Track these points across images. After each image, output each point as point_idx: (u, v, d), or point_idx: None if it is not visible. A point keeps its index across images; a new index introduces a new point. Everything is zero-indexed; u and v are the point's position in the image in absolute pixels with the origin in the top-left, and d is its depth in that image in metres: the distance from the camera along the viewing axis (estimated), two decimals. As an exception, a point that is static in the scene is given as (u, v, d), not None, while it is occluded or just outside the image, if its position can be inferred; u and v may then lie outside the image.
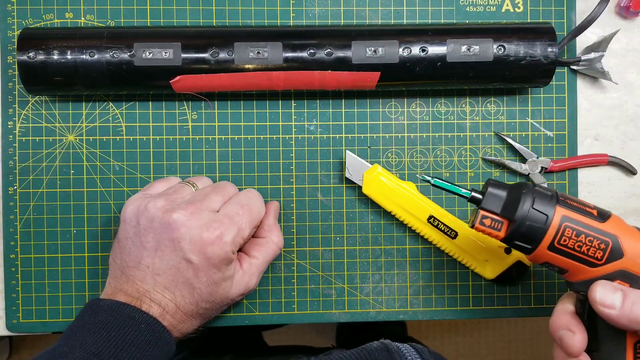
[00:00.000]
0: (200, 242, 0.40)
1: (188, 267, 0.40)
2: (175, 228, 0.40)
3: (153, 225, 0.40)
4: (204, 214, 0.41)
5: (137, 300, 0.40)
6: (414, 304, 0.51)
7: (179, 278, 0.40)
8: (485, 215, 0.38)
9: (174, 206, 0.41)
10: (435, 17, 0.51)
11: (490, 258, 0.49)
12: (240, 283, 0.43)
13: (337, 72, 0.45)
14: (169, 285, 0.40)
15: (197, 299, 0.41)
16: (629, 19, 0.51)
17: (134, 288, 0.40)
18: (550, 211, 0.36)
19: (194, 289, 0.41)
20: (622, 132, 0.52)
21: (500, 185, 0.38)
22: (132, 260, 0.41)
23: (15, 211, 0.49)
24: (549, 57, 0.45)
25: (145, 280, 0.40)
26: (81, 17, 0.49)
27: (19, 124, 0.49)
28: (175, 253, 0.40)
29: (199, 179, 0.46)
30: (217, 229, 0.40)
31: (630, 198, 0.52)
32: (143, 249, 0.41)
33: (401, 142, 0.51)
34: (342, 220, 0.51)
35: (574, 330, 0.36)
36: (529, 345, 1.33)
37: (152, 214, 0.41)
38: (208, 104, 0.50)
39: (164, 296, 0.40)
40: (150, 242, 0.40)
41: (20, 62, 0.44)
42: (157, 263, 0.40)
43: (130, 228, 0.42)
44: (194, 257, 0.40)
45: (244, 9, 0.50)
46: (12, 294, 0.49)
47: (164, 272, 0.40)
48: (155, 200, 0.41)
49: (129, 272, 0.41)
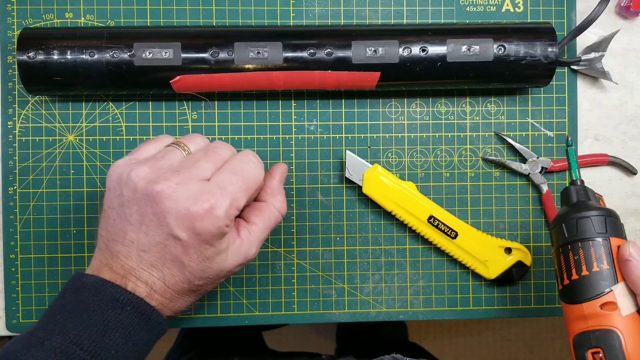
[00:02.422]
0: (188, 217, 0.35)
1: (176, 244, 0.36)
2: (159, 201, 0.35)
3: (136, 196, 0.36)
4: (192, 184, 0.36)
5: (122, 278, 0.37)
6: (414, 304, 0.51)
7: (166, 255, 0.37)
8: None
9: (158, 175, 0.36)
10: (435, 17, 0.51)
11: (490, 258, 0.49)
12: (237, 253, 0.39)
13: (337, 72, 0.45)
14: (155, 262, 0.37)
15: (189, 277, 0.37)
16: (629, 19, 0.51)
17: (119, 264, 0.37)
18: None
19: (185, 266, 0.37)
20: (622, 132, 0.52)
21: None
22: (116, 233, 0.37)
23: (15, 211, 0.49)
24: (549, 57, 0.45)
25: (130, 256, 0.37)
26: (81, 17, 0.49)
27: (19, 124, 0.49)
28: (161, 229, 0.36)
29: (191, 139, 0.41)
30: (206, 201, 0.36)
31: (630, 198, 0.52)
32: (127, 223, 0.37)
33: (401, 142, 0.51)
34: (342, 220, 0.51)
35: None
36: (529, 345, 1.33)
37: (134, 183, 0.36)
38: (208, 104, 0.50)
39: (150, 274, 0.37)
40: (134, 215, 0.36)
41: (20, 62, 0.44)
42: (142, 238, 0.36)
43: (115, 198, 0.37)
44: (182, 234, 0.36)
45: (244, 9, 0.50)
46: (12, 294, 0.49)
47: (150, 248, 0.36)
48: (139, 168, 0.37)
49: (113, 246, 0.37)
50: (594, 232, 0.37)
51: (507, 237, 0.51)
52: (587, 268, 0.36)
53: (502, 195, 0.51)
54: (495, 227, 0.51)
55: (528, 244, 0.51)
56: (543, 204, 0.51)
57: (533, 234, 0.51)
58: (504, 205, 0.51)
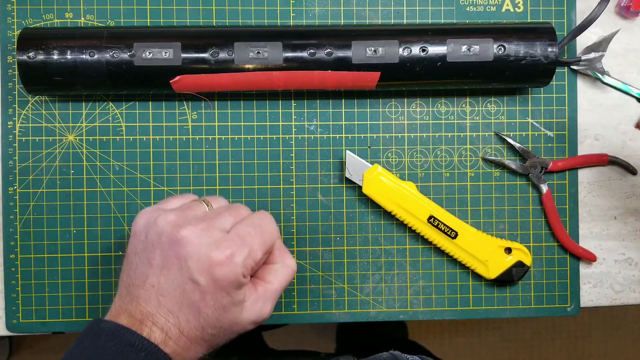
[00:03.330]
0: (208, 262, 0.37)
1: (195, 288, 0.37)
2: (182, 245, 0.37)
3: (161, 240, 0.38)
4: (215, 232, 0.38)
5: (139, 323, 0.38)
6: (414, 304, 0.51)
7: (184, 300, 0.38)
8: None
9: (184, 222, 0.39)
10: (435, 17, 0.51)
11: (490, 258, 0.49)
12: (252, 309, 0.40)
13: (337, 72, 0.45)
14: (172, 307, 0.38)
15: (203, 324, 0.38)
16: (629, 19, 0.51)
17: (138, 309, 0.38)
18: None
19: (200, 313, 0.38)
20: (622, 132, 0.52)
21: None
22: (137, 278, 0.39)
23: (15, 211, 0.49)
24: (549, 57, 0.45)
25: (150, 301, 0.38)
26: (81, 17, 0.49)
27: (19, 124, 0.49)
28: (182, 272, 0.37)
29: (214, 199, 0.44)
30: (227, 248, 0.37)
31: (630, 198, 0.52)
32: (149, 267, 0.38)
33: (401, 142, 0.51)
34: (342, 220, 0.51)
35: None
36: (529, 345, 1.33)
37: (161, 228, 0.38)
38: (208, 104, 0.50)
39: (167, 320, 0.38)
40: (157, 258, 0.38)
41: (20, 62, 0.44)
42: (162, 282, 0.38)
43: (139, 242, 0.39)
44: (201, 278, 0.37)
45: (244, 9, 0.50)
46: (12, 294, 0.49)
47: (169, 293, 0.38)
48: (166, 214, 0.39)
49: (134, 290, 0.39)
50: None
51: (507, 237, 0.51)
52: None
53: (502, 195, 0.51)
54: (495, 227, 0.51)
55: (528, 244, 0.51)
56: (543, 204, 0.51)
57: (533, 234, 0.51)
58: (504, 205, 0.51)
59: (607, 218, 0.52)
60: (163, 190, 0.50)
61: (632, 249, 0.52)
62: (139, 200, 0.50)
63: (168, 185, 0.50)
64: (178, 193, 0.50)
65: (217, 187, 0.50)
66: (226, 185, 0.50)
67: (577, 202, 0.51)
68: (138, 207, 0.50)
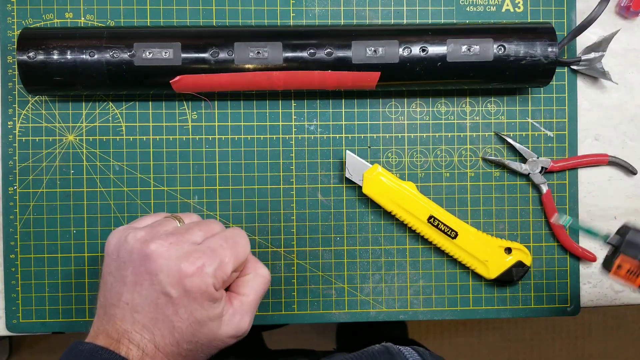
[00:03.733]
0: (178, 274, 0.37)
1: (167, 302, 0.37)
2: (152, 259, 0.37)
3: (132, 257, 0.38)
4: (185, 245, 0.38)
5: (116, 342, 0.37)
6: (414, 304, 0.51)
7: (158, 315, 0.38)
8: (624, 261, 0.39)
9: (153, 237, 0.39)
10: (435, 17, 0.51)
11: (490, 258, 0.49)
12: (230, 323, 0.40)
13: (337, 72, 0.45)
14: (147, 324, 0.38)
15: (178, 339, 0.38)
16: (629, 19, 0.51)
17: (114, 328, 0.38)
18: None
19: (174, 327, 0.38)
20: (622, 132, 0.52)
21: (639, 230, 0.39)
22: (112, 297, 0.39)
23: (15, 211, 0.49)
24: (549, 57, 0.45)
25: (125, 318, 0.38)
26: (81, 17, 0.49)
27: (19, 124, 0.49)
28: (153, 287, 0.37)
29: (186, 215, 0.44)
30: (197, 259, 0.37)
31: (630, 198, 0.52)
32: (123, 284, 0.38)
33: (401, 142, 0.51)
34: (342, 220, 0.51)
35: None
36: (529, 345, 1.33)
37: (131, 245, 0.39)
38: (208, 104, 0.50)
39: (142, 336, 0.38)
40: (129, 276, 0.38)
41: (20, 62, 0.44)
42: (136, 299, 0.38)
43: (112, 262, 0.40)
44: (173, 291, 0.37)
45: (244, 9, 0.50)
46: (12, 294, 0.49)
47: (143, 308, 0.38)
48: (136, 232, 0.39)
49: (110, 310, 0.39)
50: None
51: (507, 237, 0.51)
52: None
53: (502, 195, 0.51)
54: (495, 227, 0.51)
55: (528, 244, 0.51)
56: (543, 204, 0.51)
57: (533, 234, 0.51)
58: (504, 205, 0.51)
59: (607, 218, 0.52)
60: (163, 191, 0.50)
61: (632, 249, 0.52)
62: (139, 200, 0.50)
63: (168, 185, 0.50)
64: (178, 193, 0.50)
65: (217, 187, 0.50)
66: (226, 185, 0.50)
67: (577, 202, 0.51)
68: (138, 207, 0.50)
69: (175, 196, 0.50)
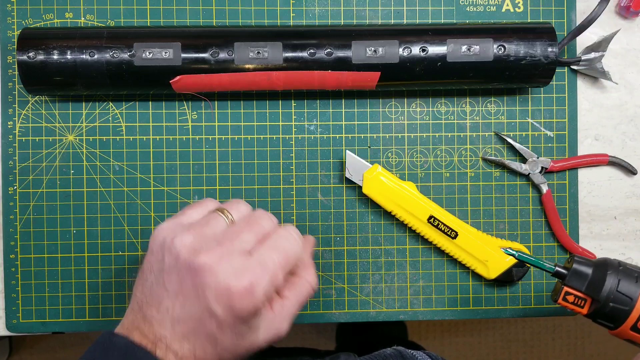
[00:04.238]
0: (227, 293, 0.35)
1: (211, 319, 0.35)
2: (201, 274, 0.35)
3: (177, 264, 0.36)
4: (235, 258, 0.36)
5: (152, 343, 0.36)
6: (414, 304, 0.51)
7: (200, 329, 0.36)
8: (569, 291, 0.39)
9: (202, 245, 0.37)
10: (435, 17, 0.51)
11: (490, 258, 0.49)
12: (269, 328, 0.38)
13: (337, 72, 0.45)
14: (188, 334, 0.36)
15: (220, 352, 0.37)
16: (629, 19, 0.51)
17: (151, 330, 0.36)
18: (635, 293, 0.36)
19: (217, 343, 0.36)
20: (622, 132, 0.52)
21: (585, 262, 0.39)
22: (152, 298, 0.37)
23: (15, 211, 0.49)
24: (549, 57, 0.45)
25: (163, 324, 0.36)
26: (81, 17, 0.49)
27: (19, 124, 0.49)
28: (199, 302, 0.35)
29: (235, 206, 0.41)
30: (247, 278, 0.35)
31: (630, 198, 0.52)
32: (164, 290, 0.36)
33: (401, 142, 0.51)
34: (342, 220, 0.51)
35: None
36: (529, 345, 1.33)
37: (177, 251, 0.36)
38: (208, 104, 0.50)
39: (182, 345, 0.36)
40: (172, 283, 0.36)
41: (20, 62, 0.44)
42: (177, 308, 0.36)
43: (155, 262, 0.38)
44: (219, 310, 0.35)
45: (244, 9, 0.50)
46: (12, 294, 0.49)
47: (184, 320, 0.36)
48: (183, 236, 0.37)
49: (146, 310, 0.37)
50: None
51: (507, 237, 0.51)
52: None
53: (502, 195, 0.51)
54: (495, 227, 0.51)
55: (528, 244, 0.51)
56: (543, 204, 0.51)
57: (533, 234, 0.51)
58: (504, 205, 0.51)
59: (607, 218, 0.52)
60: (163, 191, 0.50)
61: (632, 249, 0.52)
62: (139, 200, 0.50)
63: (168, 185, 0.50)
64: (178, 193, 0.50)
65: (217, 187, 0.50)
66: (226, 185, 0.50)
67: (577, 202, 0.51)
68: (138, 207, 0.50)
69: (175, 196, 0.50)
